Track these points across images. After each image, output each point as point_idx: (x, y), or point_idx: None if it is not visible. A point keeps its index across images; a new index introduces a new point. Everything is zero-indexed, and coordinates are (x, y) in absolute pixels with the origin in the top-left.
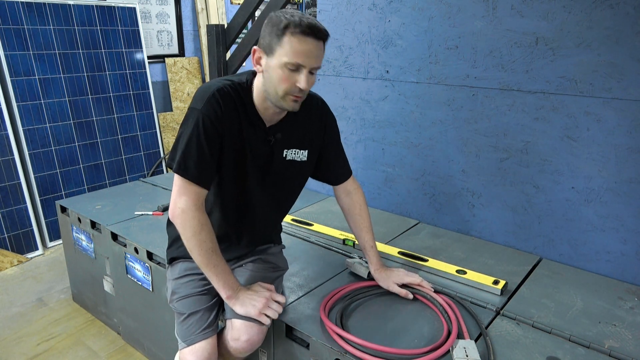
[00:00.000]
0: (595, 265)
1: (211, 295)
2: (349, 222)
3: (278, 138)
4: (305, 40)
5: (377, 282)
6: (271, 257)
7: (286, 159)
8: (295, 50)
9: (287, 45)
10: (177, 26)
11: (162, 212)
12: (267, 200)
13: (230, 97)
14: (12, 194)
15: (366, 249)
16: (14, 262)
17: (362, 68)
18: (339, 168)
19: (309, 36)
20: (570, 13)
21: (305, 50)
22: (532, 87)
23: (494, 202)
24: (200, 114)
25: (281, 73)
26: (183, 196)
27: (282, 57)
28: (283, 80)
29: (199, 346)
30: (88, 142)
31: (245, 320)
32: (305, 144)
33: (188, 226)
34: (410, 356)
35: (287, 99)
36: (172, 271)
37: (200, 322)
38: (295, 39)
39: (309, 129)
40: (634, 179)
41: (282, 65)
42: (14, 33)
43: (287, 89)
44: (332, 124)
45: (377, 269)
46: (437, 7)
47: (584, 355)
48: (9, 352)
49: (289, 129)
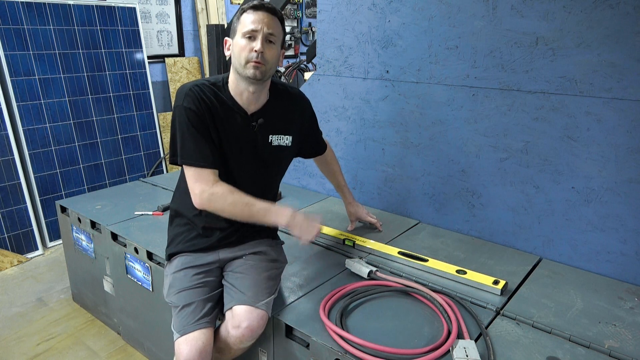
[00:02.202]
0: (595, 265)
1: (208, 288)
2: (324, 172)
3: (260, 123)
4: (255, 12)
5: (351, 215)
6: (271, 251)
7: (272, 144)
8: (248, 21)
9: (243, 20)
10: (177, 26)
11: (162, 212)
12: (253, 183)
13: (205, 92)
14: (12, 194)
15: (340, 187)
16: (14, 262)
17: (362, 68)
18: (316, 145)
19: (259, 9)
20: (570, 13)
21: (256, 19)
22: (532, 87)
23: (494, 202)
24: (183, 108)
25: (240, 43)
26: (197, 182)
27: (241, 31)
28: (242, 48)
29: (193, 336)
30: (88, 142)
31: (245, 306)
32: (290, 130)
33: (213, 202)
34: (410, 356)
35: (248, 67)
36: (170, 266)
37: (194, 313)
38: (247, 14)
39: (292, 117)
40: (634, 179)
41: (241, 37)
42: (14, 33)
43: (246, 56)
44: (311, 113)
45: (351, 202)
46: (437, 7)
47: (584, 355)
48: (9, 352)
49: (270, 115)
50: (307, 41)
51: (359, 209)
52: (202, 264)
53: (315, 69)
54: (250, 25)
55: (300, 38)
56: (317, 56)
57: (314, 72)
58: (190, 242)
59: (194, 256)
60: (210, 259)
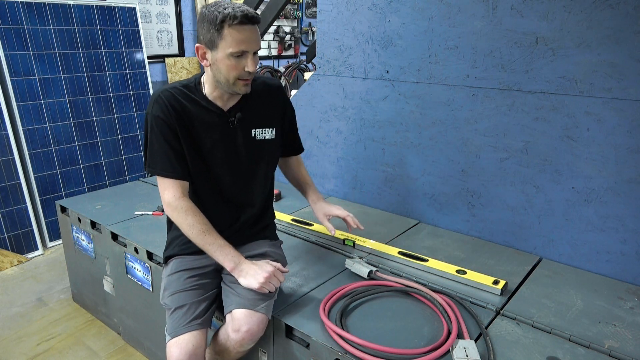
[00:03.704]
0: (595, 265)
1: (203, 290)
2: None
3: (239, 117)
4: (243, 29)
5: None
6: (271, 252)
7: (256, 138)
8: (237, 40)
9: (228, 37)
10: (177, 26)
11: (162, 212)
12: (244, 184)
13: (176, 97)
14: (12, 194)
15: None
16: (14, 262)
17: (362, 68)
18: (294, 142)
19: (246, 24)
20: (570, 13)
21: (246, 37)
22: (532, 87)
23: (494, 202)
24: (151, 116)
25: (228, 63)
26: (165, 191)
27: (227, 49)
28: (232, 68)
29: (183, 338)
30: (88, 142)
31: (245, 309)
32: (272, 123)
33: (175, 216)
34: (410, 356)
35: (238, 84)
36: (166, 269)
37: (186, 315)
38: (234, 30)
39: (272, 109)
40: (634, 179)
41: (228, 56)
42: (14, 33)
43: (237, 75)
44: (292, 106)
45: (315, 200)
46: (437, 7)
47: (584, 355)
48: (9, 352)
49: (249, 109)
50: (307, 41)
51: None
52: (197, 267)
53: (315, 69)
54: (239, 46)
55: (300, 38)
56: (317, 56)
57: (314, 72)
58: (186, 245)
59: (190, 259)
60: (206, 262)
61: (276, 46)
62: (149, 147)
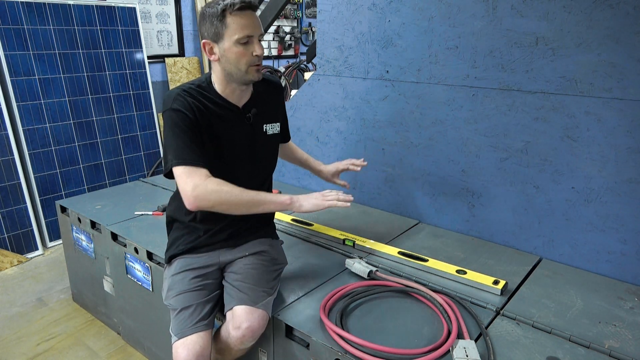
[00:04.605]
0: (595, 265)
1: (207, 291)
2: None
3: (254, 113)
4: (245, 14)
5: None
6: (271, 250)
7: (267, 133)
8: (241, 25)
9: (232, 24)
10: (177, 26)
11: (162, 212)
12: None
13: (194, 95)
14: (12, 194)
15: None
16: (14, 262)
17: (362, 68)
18: (286, 130)
19: (246, 9)
20: (570, 13)
21: (249, 22)
22: (532, 87)
23: (493, 202)
24: (172, 111)
25: (237, 50)
26: (189, 178)
27: (233, 36)
28: (241, 55)
29: (191, 339)
30: (88, 142)
31: (246, 306)
32: (277, 117)
33: (209, 195)
34: (410, 356)
35: (250, 71)
36: (169, 269)
37: (192, 316)
38: (236, 17)
39: (275, 104)
40: (634, 179)
41: (235, 43)
42: (14, 33)
43: (247, 61)
44: (283, 100)
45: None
46: (437, 7)
47: (584, 355)
48: (9, 352)
49: (260, 104)
50: (307, 41)
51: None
52: (201, 267)
53: (315, 69)
54: (244, 32)
55: (300, 38)
56: (317, 56)
57: (314, 72)
58: (189, 245)
59: (193, 258)
60: (209, 261)
61: (276, 46)
62: (174, 141)
